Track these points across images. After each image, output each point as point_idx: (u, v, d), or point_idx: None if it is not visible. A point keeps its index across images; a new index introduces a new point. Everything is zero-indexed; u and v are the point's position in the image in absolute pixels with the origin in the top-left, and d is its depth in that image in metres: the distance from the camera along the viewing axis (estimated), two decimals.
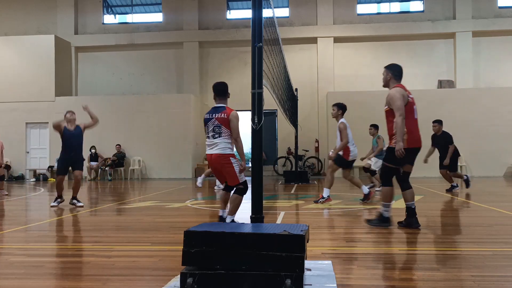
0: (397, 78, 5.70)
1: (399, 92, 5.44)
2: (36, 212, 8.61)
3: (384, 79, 5.77)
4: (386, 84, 5.77)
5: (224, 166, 5.44)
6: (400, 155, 5.26)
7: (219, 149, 5.44)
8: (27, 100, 19.03)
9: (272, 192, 11.34)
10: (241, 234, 2.81)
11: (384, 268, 3.62)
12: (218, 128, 5.50)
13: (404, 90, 5.54)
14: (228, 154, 5.45)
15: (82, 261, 4.04)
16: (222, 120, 5.51)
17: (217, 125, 5.50)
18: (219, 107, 5.66)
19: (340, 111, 8.50)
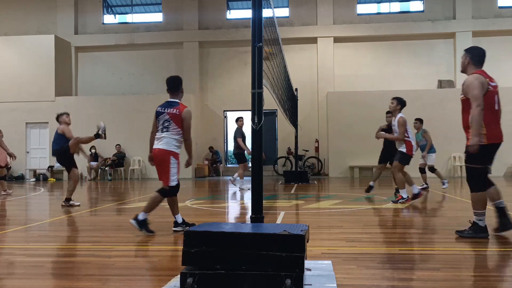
0: (477, 63, 5.03)
1: (477, 79, 4.79)
2: (36, 212, 8.61)
3: (462, 64, 5.14)
4: (464, 70, 5.12)
5: (162, 162, 5.33)
6: (474, 151, 4.69)
7: (163, 144, 5.34)
8: (27, 100, 19.03)
9: (272, 192, 11.34)
10: (241, 234, 2.81)
11: (384, 268, 3.62)
12: (168, 123, 5.38)
13: (485, 76, 4.91)
14: (170, 151, 5.33)
15: (82, 261, 4.04)
16: (173, 116, 5.39)
17: (167, 119, 5.38)
18: (173, 102, 5.52)
19: (399, 106, 8.04)
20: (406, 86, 18.87)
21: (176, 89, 5.63)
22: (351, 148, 17.86)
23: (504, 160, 17.03)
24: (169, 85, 5.63)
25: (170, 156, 5.34)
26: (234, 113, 20.16)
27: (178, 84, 5.66)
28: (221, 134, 20.26)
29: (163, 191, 5.40)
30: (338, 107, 18.31)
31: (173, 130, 5.37)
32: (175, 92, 5.62)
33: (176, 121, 5.37)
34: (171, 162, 5.34)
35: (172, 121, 5.37)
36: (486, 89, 4.83)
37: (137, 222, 5.27)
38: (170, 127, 5.36)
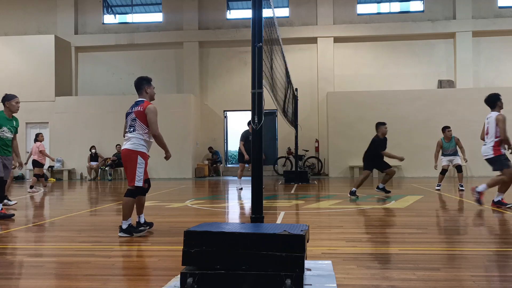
0: None
1: None
2: (36, 212, 8.60)
3: None
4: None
5: (129, 162, 5.25)
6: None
7: (131, 145, 5.28)
8: (27, 100, 18.94)
9: (272, 192, 11.34)
10: (241, 234, 2.81)
11: (384, 268, 3.62)
12: (134, 121, 5.35)
13: None
14: (137, 151, 5.26)
15: (82, 261, 4.04)
16: (138, 113, 5.34)
17: (133, 118, 5.37)
18: (139, 101, 5.53)
19: None
20: (406, 86, 18.89)
21: (139, 89, 5.62)
22: (351, 148, 17.86)
23: None
24: (135, 86, 5.66)
25: (137, 155, 5.24)
26: (234, 113, 20.20)
27: (140, 84, 5.64)
28: (221, 134, 20.26)
29: (130, 192, 5.29)
30: (338, 107, 18.31)
31: (139, 129, 5.32)
32: (140, 92, 5.61)
33: (141, 119, 5.33)
34: (138, 162, 5.23)
35: (138, 119, 5.33)
36: None
37: (124, 231, 5.21)
38: (135, 126, 5.32)
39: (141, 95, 5.59)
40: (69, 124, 18.79)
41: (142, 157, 5.27)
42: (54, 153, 19.02)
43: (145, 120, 5.32)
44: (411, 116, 17.46)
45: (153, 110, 5.37)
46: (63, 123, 18.85)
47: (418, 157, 17.09)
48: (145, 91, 5.61)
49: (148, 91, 5.62)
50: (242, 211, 8.05)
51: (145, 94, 5.60)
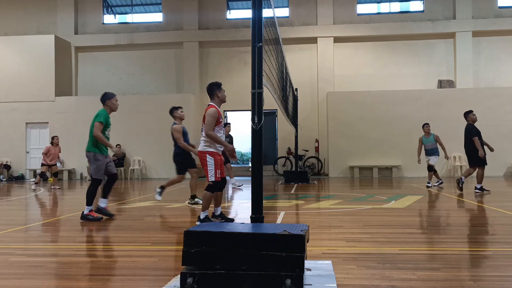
0: None
1: None
2: (36, 212, 8.60)
3: None
4: None
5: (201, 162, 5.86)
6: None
7: (200, 146, 5.86)
8: (27, 100, 19.05)
9: (272, 192, 11.34)
10: (241, 234, 2.81)
11: (384, 268, 3.62)
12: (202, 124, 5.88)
13: None
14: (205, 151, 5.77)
15: (82, 261, 4.04)
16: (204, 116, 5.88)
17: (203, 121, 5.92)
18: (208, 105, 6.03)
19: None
20: (406, 86, 18.89)
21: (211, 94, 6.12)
22: (351, 148, 17.87)
23: (504, 160, 17.03)
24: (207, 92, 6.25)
25: (206, 155, 5.77)
26: (234, 113, 20.19)
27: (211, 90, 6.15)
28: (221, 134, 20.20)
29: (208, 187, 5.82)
30: (338, 107, 18.31)
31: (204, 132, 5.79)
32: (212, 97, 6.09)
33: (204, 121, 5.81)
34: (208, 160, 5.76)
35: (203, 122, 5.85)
36: None
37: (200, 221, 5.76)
38: (202, 128, 5.80)
39: (213, 100, 6.02)
40: (69, 124, 18.78)
41: (210, 156, 5.73)
42: None
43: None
44: (411, 116, 17.46)
45: (211, 113, 5.74)
46: (63, 123, 18.84)
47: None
48: (217, 96, 6.02)
49: (219, 96, 6.03)
50: (242, 211, 8.04)
51: (216, 99, 6.02)
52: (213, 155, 5.73)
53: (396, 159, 17.56)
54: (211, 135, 5.68)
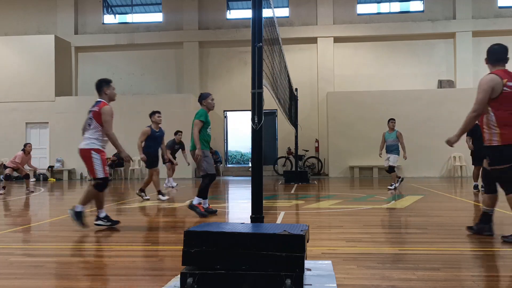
0: (494, 62, 4.71)
1: (488, 83, 4.55)
2: (36, 212, 8.60)
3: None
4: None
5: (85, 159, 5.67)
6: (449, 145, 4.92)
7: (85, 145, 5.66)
8: (27, 100, 19.04)
9: (272, 192, 11.34)
10: (241, 234, 2.81)
11: (384, 268, 3.62)
12: (90, 120, 5.70)
13: (503, 77, 4.55)
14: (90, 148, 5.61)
15: (82, 261, 4.04)
16: (94, 114, 5.68)
17: (90, 117, 5.72)
18: (97, 101, 5.87)
19: None
20: (406, 86, 18.89)
21: (99, 91, 5.92)
22: (351, 148, 17.87)
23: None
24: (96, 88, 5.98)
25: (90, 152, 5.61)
26: (234, 113, 20.19)
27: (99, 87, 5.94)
28: (221, 134, 20.24)
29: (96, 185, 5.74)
30: (338, 107, 18.31)
31: (93, 128, 5.65)
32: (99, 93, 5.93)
33: (96, 119, 5.65)
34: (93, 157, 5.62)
35: (94, 119, 5.66)
36: (501, 91, 4.51)
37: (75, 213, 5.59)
38: (91, 125, 5.67)
39: (101, 96, 5.91)
40: (69, 124, 18.77)
41: (96, 152, 5.64)
42: (54, 153, 19.04)
43: (100, 119, 5.65)
44: (411, 116, 17.45)
45: (108, 111, 5.70)
46: (63, 123, 18.84)
47: (418, 157, 17.09)
48: (105, 93, 5.91)
49: (107, 93, 5.94)
50: (242, 211, 8.04)
51: (104, 96, 5.91)
52: (99, 152, 5.67)
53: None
54: (112, 136, 5.67)
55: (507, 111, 4.54)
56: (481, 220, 5.02)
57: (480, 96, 4.56)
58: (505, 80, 4.52)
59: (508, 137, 4.52)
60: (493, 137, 4.60)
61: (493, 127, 4.59)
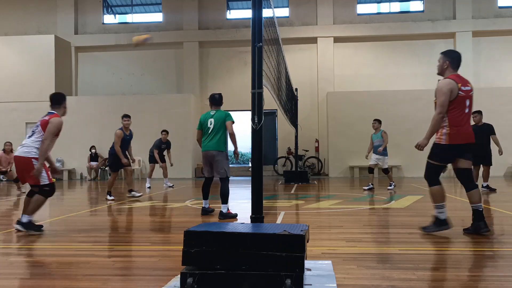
0: (455, 67, 5.14)
1: (447, 86, 4.94)
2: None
3: (440, 67, 5.20)
4: (441, 72, 5.20)
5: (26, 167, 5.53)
6: (419, 149, 5.18)
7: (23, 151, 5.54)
8: (27, 100, 19.03)
9: (272, 192, 11.34)
10: (241, 234, 2.80)
11: (384, 268, 3.62)
12: (36, 128, 5.65)
13: (457, 81, 4.99)
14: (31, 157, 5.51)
15: (82, 261, 4.04)
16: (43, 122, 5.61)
17: (37, 125, 5.67)
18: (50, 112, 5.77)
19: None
20: (406, 86, 18.89)
21: (58, 103, 5.83)
22: (351, 148, 17.86)
23: (504, 160, 17.02)
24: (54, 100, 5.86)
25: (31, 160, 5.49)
26: (234, 113, 20.14)
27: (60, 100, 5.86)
28: None
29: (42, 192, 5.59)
30: (338, 107, 18.31)
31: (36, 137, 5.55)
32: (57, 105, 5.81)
33: (43, 127, 5.57)
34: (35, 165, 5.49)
35: (40, 127, 5.59)
36: (456, 94, 4.95)
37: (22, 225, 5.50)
38: (35, 133, 5.59)
39: (59, 110, 5.78)
40: (69, 124, 18.67)
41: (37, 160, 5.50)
42: (54, 153, 18.97)
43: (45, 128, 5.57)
44: (411, 116, 17.45)
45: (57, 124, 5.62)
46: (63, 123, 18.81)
47: (418, 157, 17.01)
48: (63, 106, 5.85)
49: (65, 107, 5.89)
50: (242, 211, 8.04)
51: (62, 110, 5.83)
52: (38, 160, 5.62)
53: (396, 159, 17.54)
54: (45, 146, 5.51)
55: (458, 113, 5.00)
56: (474, 218, 5.10)
57: (442, 98, 4.94)
58: (459, 85, 4.97)
59: (455, 137, 4.99)
60: (442, 136, 5.05)
61: (445, 127, 5.02)
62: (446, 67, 5.13)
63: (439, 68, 5.22)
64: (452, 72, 5.10)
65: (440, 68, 5.19)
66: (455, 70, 5.13)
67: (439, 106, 4.95)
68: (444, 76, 5.13)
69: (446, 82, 4.99)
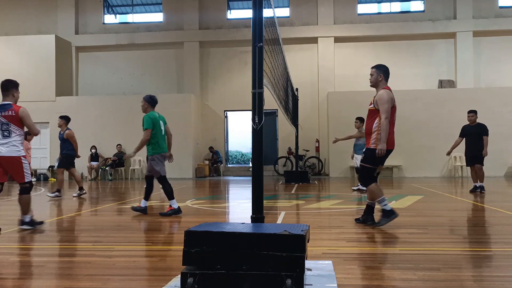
0: (387, 79, 5.74)
1: (389, 95, 5.51)
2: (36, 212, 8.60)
3: (374, 79, 5.71)
4: (375, 85, 5.73)
5: (14, 166, 5.64)
6: (381, 155, 5.43)
7: (9, 152, 5.57)
8: (27, 100, 18.89)
9: (273, 192, 11.34)
10: (242, 234, 2.80)
11: (384, 268, 3.62)
12: (6, 126, 5.58)
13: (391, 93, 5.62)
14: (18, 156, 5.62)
15: (82, 261, 4.04)
16: (10, 118, 5.59)
17: (5, 123, 5.59)
18: (5, 104, 5.70)
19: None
20: (406, 86, 18.87)
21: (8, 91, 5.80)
22: (352, 148, 17.82)
23: (504, 160, 17.02)
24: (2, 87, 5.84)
25: (20, 158, 5.64)
26: (235, 113, 20.20)
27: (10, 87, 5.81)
28: (222, 134, 20.25)
29: (25, 189, 5.77)
30: (339, 107, 18.30)
31: (14, 132, 5.61)
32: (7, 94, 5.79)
33: (16, 123, 5.61)
34: (23, 163, 5.67)
35: (11, 123, 5.59)
36: (393, 103, 5.55)
37: (27, 224, 5.74)
38: (10, 130, 5.59)
39: (10, 98, 5.78)
40: (70, 124, 18.76)
41: (25, 158, 5.71)
42: (55, 153, 19.01)
43: (20, 123, 5.64)
44: (411, 116, 17.45)
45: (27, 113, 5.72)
46: None
47: (418, 157, 17.10)
48: (13, 95, 5.81)
49: (15, 95, 5.84)
50: (242, 211, 8.04)
51: (12, 98, 5.80)
52: (26, 157, 5.83)
53: (396, 159, 17.54)
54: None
55: (390, 122, 5.51)
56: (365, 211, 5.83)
57: (386, 105, 5.44)
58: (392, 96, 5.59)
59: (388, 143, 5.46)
60: (376, 141, 5.52)
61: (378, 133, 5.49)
62: (381, 79, 5.67)
63: (373, 81, 5.72)
64: (385, 84, 5.68)
65: (375, 80, 5.70)
66: (386, 82, 5.72)
67: (385, 112, 5.43)
68: (379, 87, 5.65)
69: (388, 91, 5.54)
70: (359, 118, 11.54)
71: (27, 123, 5.67)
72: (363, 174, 5.84)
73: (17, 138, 5.60)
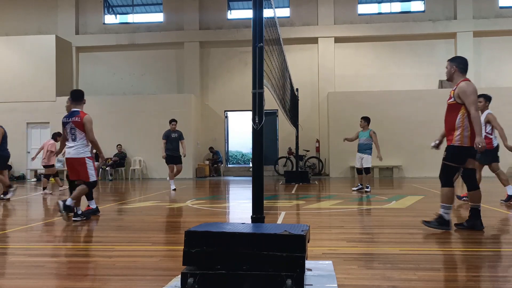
0: (463, 71, 5.50)
1: (472, 86, 5.28)
2: (36, 212, 8.61)
3: (448, 72, 5.56)
4: (450, 78, 5.56)
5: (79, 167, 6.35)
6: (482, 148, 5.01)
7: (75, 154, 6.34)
8: (28, 100, 19.05)
9: (273, 192, 11.34)
10: (242, 234, 2.80)
11: (385, 268, 3.61)
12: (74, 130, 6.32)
13: None
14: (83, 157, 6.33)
15: (82, 261, 4.04)
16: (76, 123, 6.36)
17: (73, 127, 6.29)
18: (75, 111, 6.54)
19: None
20: (407, 86, 18.88)
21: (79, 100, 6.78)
22: (352, 148, 17.77)
23: (504, 160, 16.98)
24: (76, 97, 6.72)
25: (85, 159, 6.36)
26: (235, 113, 20.20)
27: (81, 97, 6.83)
28: (222, 134, 20.25)
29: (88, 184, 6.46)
30: (339, 107, 18.30)
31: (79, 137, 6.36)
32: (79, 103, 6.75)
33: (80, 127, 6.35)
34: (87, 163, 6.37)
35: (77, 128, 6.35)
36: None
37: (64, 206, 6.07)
38: (76, 134, 6.35)
39: (81, 106, 6.68)
40: None
41: (89, 159, 6.41)
42: None
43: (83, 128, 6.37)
44: (412, 116, 17.45)
45: (90, 120, 6.52)
46: None
47: (419, 157, 17.09)
48: (83, 103, 6.77)
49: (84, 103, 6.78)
50: (242, 211, 8.04)
51: (82, 106, 6.73)
52: (91, 158, 6.47)
53: (397, 160, 17.55)
54: (96, 141, 6.47)
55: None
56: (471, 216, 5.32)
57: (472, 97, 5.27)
58: None
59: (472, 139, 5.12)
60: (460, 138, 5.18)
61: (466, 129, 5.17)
62: (454, 72, 5.44)
63: (448, 74, 5.54)
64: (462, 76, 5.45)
65: (449, 73, 5.51)
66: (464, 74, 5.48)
67: (474, 103, 5.18)
68: (455, 80, 5.46)
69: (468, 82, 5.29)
70: (364, 118, 11.52)
71: (87, 128, 6.32)
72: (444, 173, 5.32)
73: (83, 142, 6.33)
